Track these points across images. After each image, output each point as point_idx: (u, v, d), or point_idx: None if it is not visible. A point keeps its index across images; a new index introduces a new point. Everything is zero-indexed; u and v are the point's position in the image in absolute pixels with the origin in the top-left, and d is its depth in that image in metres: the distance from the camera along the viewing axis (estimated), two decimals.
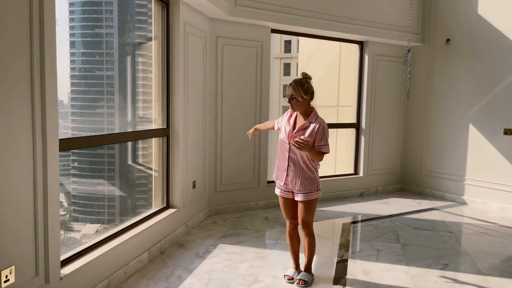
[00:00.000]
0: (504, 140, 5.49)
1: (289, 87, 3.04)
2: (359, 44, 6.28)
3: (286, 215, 3.20)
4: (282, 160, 3.09)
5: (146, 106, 4.17)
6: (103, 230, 3.82)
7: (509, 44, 5.37)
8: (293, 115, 3.12)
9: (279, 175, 3.12)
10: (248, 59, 5.15)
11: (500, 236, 4.46)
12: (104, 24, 3.94)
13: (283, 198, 3.16)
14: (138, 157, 4.35)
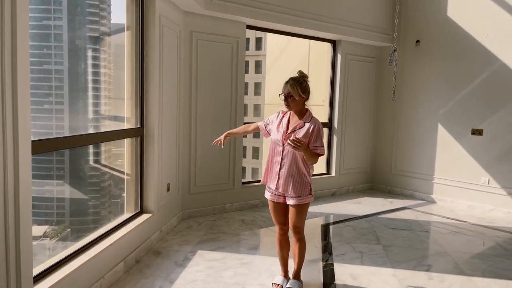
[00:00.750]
0: (471, 140, 5.64)
1: (286, 85, 2.88)
2: (332, 43, 6.24)
3: (276, 220, 3.03)
4: (273, 163, 2.93)
5: (109, 103, 3.86)
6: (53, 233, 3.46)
7: (477, 47, 5.51)
8: (286, 115, 2.97)
9: (270, 178, 2.96)
10: (223, 56, 4.94)
11: (473, 235, 4.55)
12: (53, 16, 3.58)
13: (274, 202, 2.99)
14: (101, 159, 4.01)
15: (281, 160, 2.88)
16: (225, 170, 5.10)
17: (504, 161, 5.33)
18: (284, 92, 2.88)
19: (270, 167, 2.96)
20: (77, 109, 3.54)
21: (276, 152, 2.92)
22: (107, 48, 3.81)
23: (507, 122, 5.27)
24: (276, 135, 2.93)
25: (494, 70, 5.38)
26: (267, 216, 5.03)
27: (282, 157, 2.88)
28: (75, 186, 3.79)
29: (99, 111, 3.82)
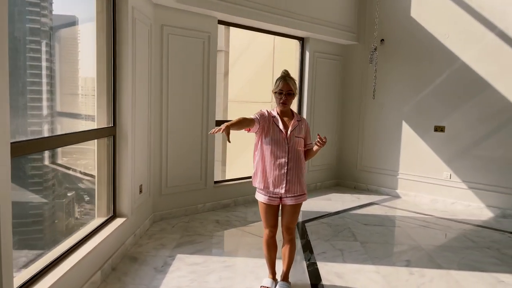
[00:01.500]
0: (434, 136, 5.86)
1: (284, 82, 2.80)
2: (300, 40, 6.24)
3: (268, 223, 2.92)
4: (275, 165, 2.78)
5: (69, 101, 3.58)
6: None
7: (439, 46, 5.72)
8: (275, 114, 2.87)
9: (273, 181, 2.79)
10: (195, 51, 4.78)
11: (441, 228, 4.73)
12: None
13: (269, 205, 2.86)
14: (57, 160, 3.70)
15: (288, 161, 2.78)
16: (197, 169, 4.95)
17: (464, 157, 5.58)
18: (283, 90, 2.79)
19: (270, 170, 2.80)
20: (17, 105, 3.21)
21: (279, 153, 2.78)
22: (51, 41, 3.49)
23: (467, 119, 5.52)
24: (277, 135, 2.79)
25: (455, 69, 5.61)
26: (241, 216, 4.94)
27: (289, 157, 2.79)
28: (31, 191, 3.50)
29: (41, 107, 3.49)
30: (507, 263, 3.70)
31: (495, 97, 5.28)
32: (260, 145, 2.84)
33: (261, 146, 2.83)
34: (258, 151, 2.86)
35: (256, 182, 2.87)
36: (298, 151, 2.84)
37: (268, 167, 2.80)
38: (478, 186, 5.48)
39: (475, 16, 5.43)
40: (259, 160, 2.84)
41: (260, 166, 2.82)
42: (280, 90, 2.81)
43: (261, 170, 2.83)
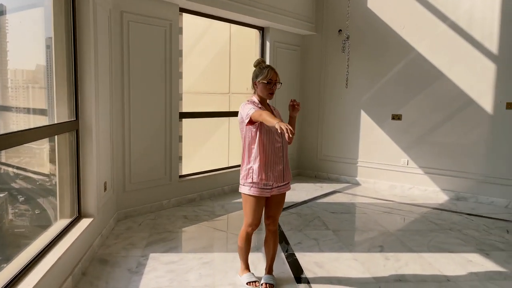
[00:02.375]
0: (391, 124, 6.06)
1: (271, 72, 2.71)
2: (260, 30, 6.16)
3: (256, 217, 2.79)
4: (275, 155, 2.71)
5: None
6: None
7: (395, 37, 5.90)
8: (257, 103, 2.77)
9: (273, 174, 2.71)
10: (157, 40, 4.55)
11: (404, 213, 4.90)
12: None
13: (260, 197, 2.76)
14: None
15: (282, 149, 2.76)
16: (161, 163, 4.75)
17: (421, 144, 5.82)
18: (273, 79, 2.71)
19: (271, 163, 2.70)
20: None
21: (275, 142, 2.72)
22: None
23: (423, 108, 5.76)
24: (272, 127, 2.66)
25: (411, 59, 5.81)
26: (209, 210, 4.82)
27: (283, 145, 2.77)
28: None
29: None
30: (470, 243, 3.90)
31: (448, 86, 5.53)
32: (258, 138, 2.69)
33: (259, 138, 2.69)
34: (256, 144, 2.70)
35: (251, 176, 2.70)
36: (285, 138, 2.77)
37: (268, 159, 2.70)
38: (434, 171, 5.74)
39: (428, 7, 5.64)
40: (258, 153, 2.68)
41: (259, 159, 2.68)
42: (270, 80, 2.70)
43: (262, 162, 2.68)
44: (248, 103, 2.71)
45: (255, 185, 2.73)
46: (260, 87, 2.73)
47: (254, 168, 2.69)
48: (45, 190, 3.44)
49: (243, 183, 2.78)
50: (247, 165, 2.75)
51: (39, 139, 2.88)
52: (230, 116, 6.28)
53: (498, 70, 5.16)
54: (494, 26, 5.15)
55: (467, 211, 4.99)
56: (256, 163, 2.69)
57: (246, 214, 2.82)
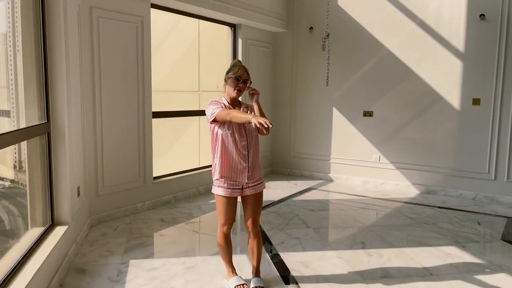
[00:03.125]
0: (363, 121, 6.15)
1: (242, 70, 2.68)
2: (232, 27, 6.07)
3: (228, 217, 2.77)
4: (237, 155, 2.67)
5: None
6: None
7: (366, 35, 5.98)
8: (227, 104, 2.72)
9: (235, 172, 2.69)
10: (128, 37, 4.37)
11: (380, 209, 4.98)
12: None
13: (229, 198, 2.73)
14: None
15: (248, 148, 2.71)
16: (135, 165, 4.58)
17: (392, 139, 5.95)
18: (242, 77, 2.68)
19: (232, 160, 2.68)
20: None
21: (239, 141, 2.67)
22: None
23: (393, 104, 5.88)
24: (234, 124, 2.65)
25: (381, 56, 5.92)
26: (186, 212, 4.70)
27: (248, 144, 2.71)
28: None
29: None
30: (446, 236, 4.01)
31: (417, 83, 5.68)
32: (220, 137, 2.67)
33: (221, 138, 2.67)
34: (218, 143, 2.69)
35: (216, 174, 2.72)
36: (254, 136, 2.77)
37: (230, 157, 2.68)
38: (405, 166, 5.89)
39: (397, 6, 5.75)
40: (219, 152, 2.68)
41: (221, 157, 2.68)
42: (239, 77, 2.67)
43: (222, 161, 2.68)
44: (213, 103, 2.68)
45: (222, 184, 2.71)
46: (229, 83, 2.71)
47: (217, 164, 2.70)
48: (13, 196, 3.22)
49: (214, 182, 2.76)
50: (213, 162, 2.77)
51: (9, 145, 2.68)
52: (201, 115, 6.15)
53: (464, 68, 5.35)
54: (461, 25, 5.32)
55: (438, 204, 5.14)
56: (218, 159, 2.69)
57: (219, 214, 2.80)
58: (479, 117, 5.31)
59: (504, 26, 5.06)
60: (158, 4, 4.75)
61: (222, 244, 2.87)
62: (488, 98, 5.23)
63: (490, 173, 5.30)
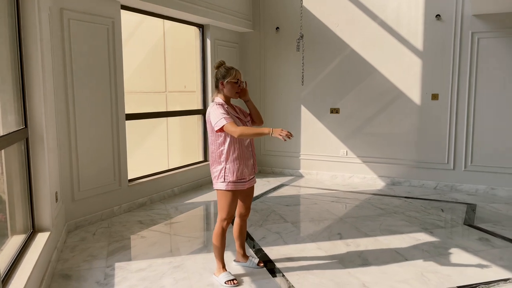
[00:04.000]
0: (330, 118, 6.38)
1: (238, 72, 2.85)
2: (200, 28, 6.11)
3: (232, 212, 2.93)
4: (247, 152, 2.89)
5: None
6: None
7: (330, 35, 6.21)
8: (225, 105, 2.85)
9: (246, 167, 2.89)
10: (99, 38, 4.32)
11: (351, 201, 5.21)
12: None
13: (237, 191, 2.91)
14: None
15: (251, 146, 2.94)
16: (110, 169, 4.53)
17: (357, 135, 6.22)
18: (239, 79, 2.86)
19: (245, 160, 2.87)
20: None
21: (244, 141, 2.88)
22: None
23: (358, 101, 6.15)
24: (237, 122, 2.82)
25: (345, 55, 6.16)
26: (163, 213, 4.72)
27: (250, 142, 2.94)
28: None
29: None
30: (414, 223, 4.28)
31: (380, 79, 5.97)
32: (230, 139, 2.81)
33: (232, 140, 2.81)
34: (227, 145, 2.81)
35: (229, 177, 2.81)
36: None
37: (241, 157, 2.84)
38: (371, 160, 6.17)
39: (359, 6, 6.02)
40: (230, 154, 2.81)
41: (233, 159, 2.82)
42: (238, 80, 2.84)
43: (235, 162, 2.82)
44: (219, 107, 2.78)
45: (233, 181, 2.85)
46: (228, 87, 2.84)
47: (228, 168, 2.82)
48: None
49: (219, 180, 2.86)
50: (219, 166, 2.85)
51: None
52: (182, 115, 6.13)
53: (423, 65, 5.68)
54: (419, 24, 5.65)
55: (404, 195, 5.44)
56: (229, 163, 2.81)
57: (222, 209, 2.90)
58: (437, 111, 5.66)
59: (458, 26, 5.43)
60: (128, 5, 4.72)
61: (220, 239, 2.97)
62: (446, 93, 5.59)
63: (449, 163, 5.67)
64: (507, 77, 5.25)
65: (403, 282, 2.97)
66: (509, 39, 5.20)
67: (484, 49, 5.34)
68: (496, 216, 4.50)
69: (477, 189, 5.53)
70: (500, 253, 3.47)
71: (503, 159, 5.36)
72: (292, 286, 2.93)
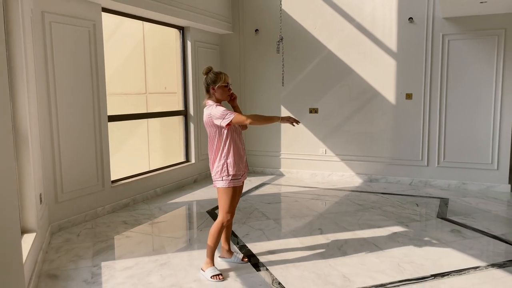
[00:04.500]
0: (309, 117, 6.55)
1: (227, 76, 3.04)
2: (180, 30, 6.18)
3: (234, 206, 3.11)
4: (241, 148, 3.08)
5: None
6: None
7: (309, 37, 6.38)
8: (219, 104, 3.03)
9: (241, 163, 3.08)
10: (81, 41, 4.35)
11: (330, 198, 5.38)
12: None
13: (237, 187, 3.09)
14: None
15: (243, 142, 3.14)
16: (93, 170, 4.56)
17: (336, 134, 6.40)
18: (229, 82, 3.04)
19: (239, 155, 3.05)
20: None
21: (239, 137, 3.08)
22: None
23: (336, 101, 6.33)
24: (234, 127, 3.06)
25: (323, 56, 6.34)
26: (147, 213, 4.77)
27: (241, 139, 3.10)
28: None
29: None
30: (391, 217, 4.47)
31: (357, 80, 6.16)
32: (230, 136, 3.00)
33: (231, 137, 3.00)
34: (228, 142, 2.99)
35: (230, 171, 2.99)
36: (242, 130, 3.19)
37: (238, 153, 3.05)
38: (349, 158, 6.36)
39: (336, 9, 6.20)
40: (231, 150, 3.00)
41: (233, 155, 3.00)
42: (227, 83, 3.03)
43: (234, 158, 3.01)
44: (218, 106, 2.98)
45: (232, 177, 3.00)
46: (219, 92, 3.03)
47: (229, 162, 2.99)
48: None
49: (219, 178, 3.01)
50: (220, 161, 3.01)
51: None
52: (164, 116, 6.16)
53: (397, 66, 5.91)
54: (393, 27, 5.88)
55: (381, 191, 5.65)
56: (229, 158, 2.99)
57: (225, 206, 3.05)
58: (411, 110, 5.90)
59: (430, 28, 5.68)
60: (108, 7, 4.75)
61: (217, 235, 3.11)
62: (419, 92, 5.83)
63: (423, 160, 5.91)
64: (476, 77, 5.52)
65: (380, 272, 3.13)
66: (477, 40, 5.47)
67: (454, 50, 5.60)
68: (467, 209, 4.74)
69: (450, 184, 5.79)
70: (470, 243, 3.68)
71: (473, 155, 5.63)
72: (275, 279, 3.05)
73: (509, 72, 5.37)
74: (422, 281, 3.00)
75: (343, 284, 2.96)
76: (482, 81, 5.50)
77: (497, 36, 5.39)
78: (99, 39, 4.57)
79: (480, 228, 4.08)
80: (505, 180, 5.55)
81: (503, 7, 5.00)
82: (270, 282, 3.01)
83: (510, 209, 4.75)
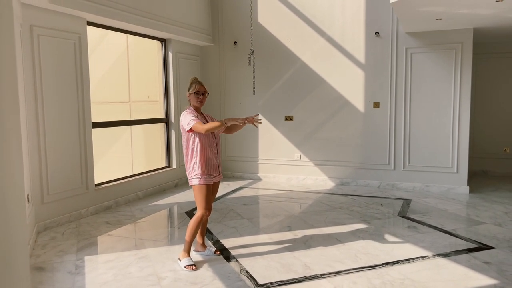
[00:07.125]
0: (285, 125, 6.93)
1: (199, 84, 3.41)
2: (162, 42, 6.52)
3: (210, 202, 3.43)
4: (212, 154, 3.40)
5: None
6: None
7: (283, 49, 6.78)
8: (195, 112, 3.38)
9: (211, 168, 3.39)
10: (67, 53, 4.66)
11: (303, 200, 5.74)
12: None
13: (208, 185, 3.40)
14: None
15: (216, 148, 3.44)
16: (77, 173, 4.85)
17: (309, 140, 6.79)
18: (200, 90, 3.40)
19: (208, 159, 3.37)
20: None
21: (212, 143, 3.40)
22: None
23: (309, 109, 6.73)
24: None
25: (297, 67, 6.75)
26: (129, 214, 5.06)
27: (217, 145, 3.44)
28: None
29: None
30: (355, 216, 4.85)
31: (329, 89, 6.58)
32: (198, 140, 3.34)
33: (199, 140, 3.34)
34: (195, 145, 3.34)
35: (197, 170, 3.33)
36: (218, 135, 3.53)
37: (206, 155, 3.37)
38: (322, 162, 6.75)
39: (308, 23, 6.63)
40: (198, 152, 3.34)
41: (200, 157, 3.34)
42: (198, 91, 3.40)
43: (201, 159, 3.34)
44: (189, 113, 3.36)
45: (204, 176, 3.35)
46: (192, 98, 3.43)
47: (197, 162, 3.35)
48: None
49: (192, 177, 3.37)
50: (191, 162, 3.38)
51: None
52: (147, 123, 6.45)
53: (366, 76, 6.35)
54: (361, 40, 6.32)
55: (350, 193, 6.04)
56: (197, 158, 3.35)
57: (201, 202, 3.39)
58: (379, 118, 6.33)
59: (394, 42, 6.14)
60: (93, 21, 5.08)
61: (195, 227, 3.43)
62: (386, 101, 6.27)
63: (390, 164, 6.33)
64: (436, 87, 5.98)
65: (338, 262, 3.49)
66: (437, 53, 5.94)
67: (416, 63, 6.07)
68: (426, 208, 5.15)
69: (414, 187, 6.21)
70: (423, 237, 4.08)
71: (435, 159, 6.07)
72: (244, 268, 3.38)
73: (466, 83, 5.85)
74: (374, 268, 3.36)
75: (304, 272, 3.30)
76: (442, 91, 5.97)
77: (454, 50, 5.88)
78: (84, 50, 4.88)
79: (434, 225, 4.48)
80: (464, 182, 6.00)
81: (459, 23, 5.49)
82: (238, 271, 3.34)
83: (465, 208, 5.18)
